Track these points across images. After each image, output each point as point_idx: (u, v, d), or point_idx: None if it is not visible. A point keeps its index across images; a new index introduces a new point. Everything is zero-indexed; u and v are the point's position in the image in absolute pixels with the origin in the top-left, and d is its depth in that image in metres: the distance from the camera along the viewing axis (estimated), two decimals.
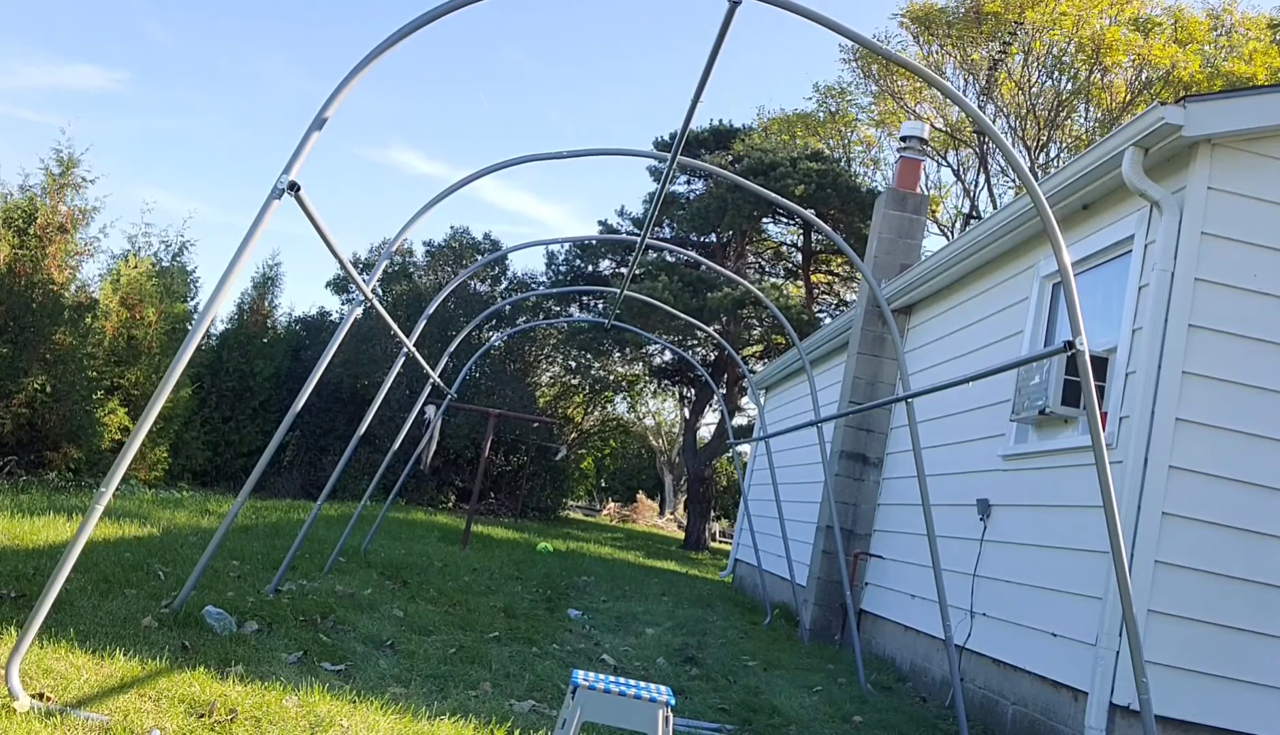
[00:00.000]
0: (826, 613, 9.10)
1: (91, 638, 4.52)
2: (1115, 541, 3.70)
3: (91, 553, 6.59)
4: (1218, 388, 5.00)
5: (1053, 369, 5.67)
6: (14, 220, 12.07)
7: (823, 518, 9.40)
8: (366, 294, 5.53)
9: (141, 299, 14.23)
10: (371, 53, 4.01)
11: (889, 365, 9.42)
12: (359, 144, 46.99)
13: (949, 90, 4.00)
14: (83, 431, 12.43)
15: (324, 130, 4.03)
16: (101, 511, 3.71)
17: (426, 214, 6.07)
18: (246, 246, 3.82)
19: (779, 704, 5.79)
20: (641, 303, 15.85)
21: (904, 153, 10.32)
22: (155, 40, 39.99)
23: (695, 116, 4.88)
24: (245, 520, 10.79)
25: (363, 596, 6.97)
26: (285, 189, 3.87)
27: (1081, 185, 5.84)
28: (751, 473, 15.54)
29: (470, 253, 22.41)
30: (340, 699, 4.31)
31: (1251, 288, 5.06)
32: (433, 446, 11.78)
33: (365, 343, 19.26)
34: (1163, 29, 19.42)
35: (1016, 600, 5.93)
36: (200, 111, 44.34)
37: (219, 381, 17.02)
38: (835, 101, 24.23)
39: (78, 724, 3.43)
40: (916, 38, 21.45)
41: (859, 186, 21.06)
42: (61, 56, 39.98)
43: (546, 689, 5.22)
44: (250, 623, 5.41)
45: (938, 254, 8.16)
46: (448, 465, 20.53)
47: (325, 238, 4.53)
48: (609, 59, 46.65)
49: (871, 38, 4.27)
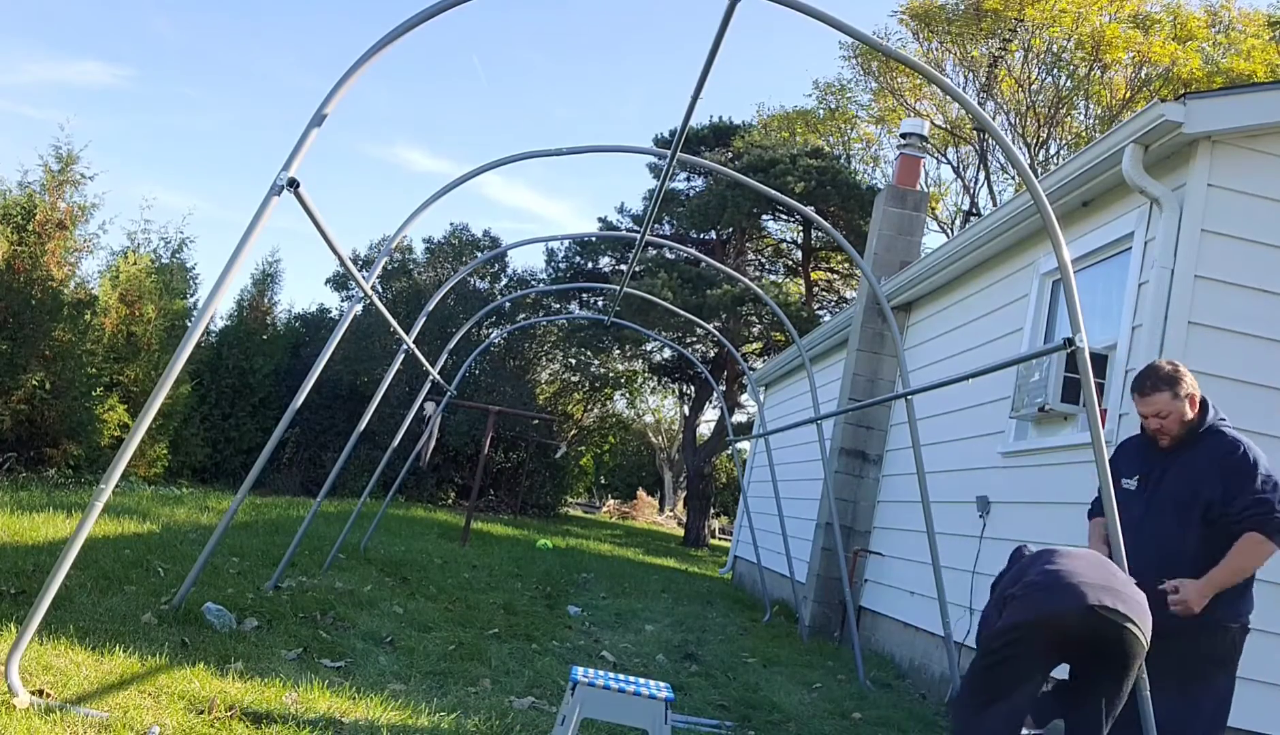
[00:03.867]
0: (826, 610, 9.10)
1: (91, 634, 4.52)
2: (1115, 540, 3.71)
3: (91, 549, 6.59)
4: (1218, 385, 4.98)
5: (1052, 366, 5.67)
6: (13, 217, 12.06)
7: (822, 515, 9.40)
8: (366, 290, 5.52)
9: (141, 296, 14.22)
10: (370, 50, 4.01)
11: (889, 362, 9.42)
12: (363, 140, 47.03)
13: (949, 87, 4.00)
14: (82, 428, 12.43)
15: (327, 127, 4.02)
16: (101, 508, 3.71)
17: (427, 210, 6.06)
18: (246, 243, 3.82)
19: (778, 701, 5.79)
20: (641, 300, 15.84)
21: (904, 149, 10.32)
22: (162, 36, 40.02)
23: (695, 113, 4.88)
24: (245, 517, 10.79)
25: (362, 593, 6.98)
26: (285, 186, 3.87)
27: (1081, 182, 5.84)
28: (751, 470, 15.54)
29: (470, 250, 22.40)
30: (340, 696, 4.31)
31: (1251, 285, 5.05)
32: (432, 443, 11.77)
33: (365, 340, 19.25)
34: (1162, 26, 19.41)
35: None
36: (202, 108, 44.39)
37: (218, 378, 17.01)
38: (835, 98, 24.22)
39: (77, 720, 3.43)
40: (916, 34, 21.43)
41: (859, 183, 21.05)
42: (66, 53, 40.01)
43: (546, 686, 5.22)
44: (250, 619, 5.41)
45: (938, 251, 8.16)
46: (447, 462, 20.53)
47: (325, 234, 4.53)
48: (616, 55, 46.72)
49: (871, 34, 4.27)
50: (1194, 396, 3.81)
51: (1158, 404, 3.79)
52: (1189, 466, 3.76)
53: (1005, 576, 3.64)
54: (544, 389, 25.82)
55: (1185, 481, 3.74)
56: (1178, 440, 3.81)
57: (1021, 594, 3.37)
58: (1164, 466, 3.83)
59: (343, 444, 18.14)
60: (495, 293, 22.79)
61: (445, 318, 19.44)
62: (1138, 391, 3.86)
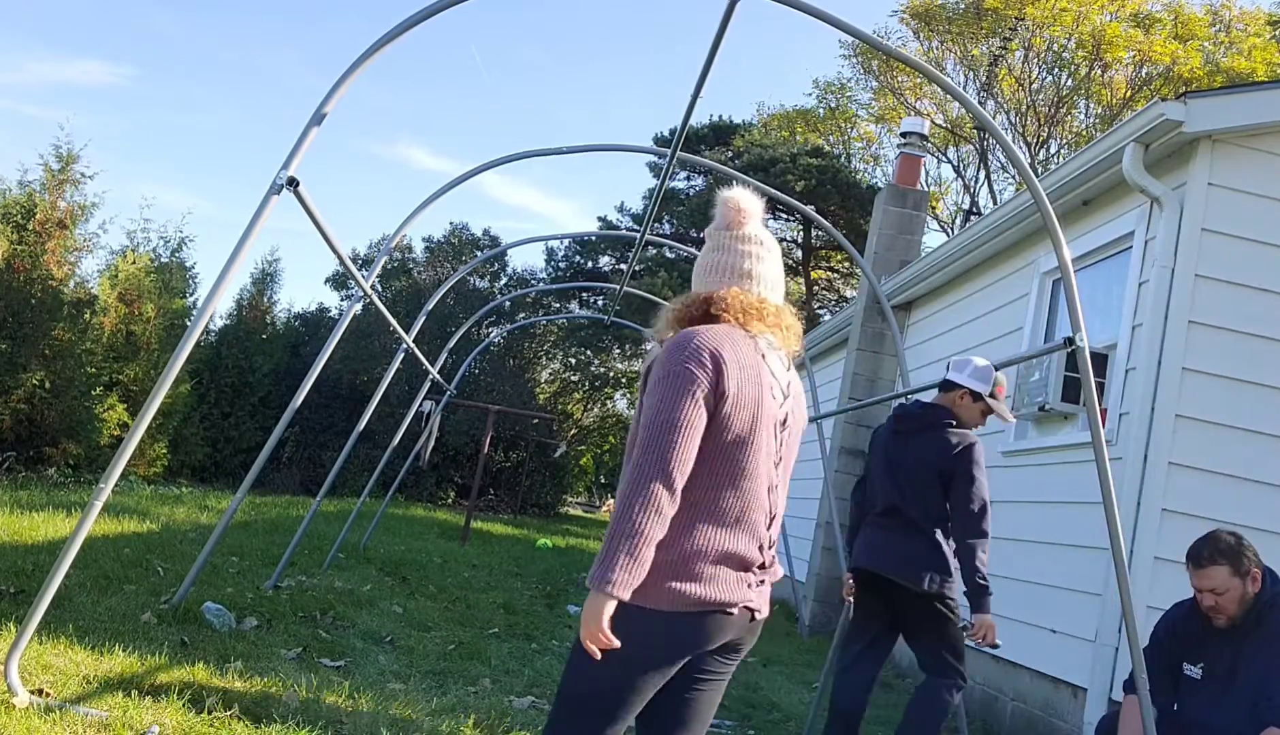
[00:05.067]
0: (826, 609, 9.09)
1: (90, 634, 4.52)
2: (1115, 538, 3.69)
3: (90, 549, 6.59)
4: (1218, 384, 4.99)
5: (1052, 365, 5.66)
6: (13, 216, 12.06)
7: (822, 514, 9.40)
8: (365, 290, 5.52)
9: (140, 295, 14.22)
10: (370, 49, 4.00)
11: (889, 361, 9.41)
12: (366, 139, 46.85)
13: (949, 86, 3.99)
14: (82, 427, 12.42)
15: (328, 125, 4.01)
16: (100, 507, 3.71)
17: (427, 209, 6.05)
18: (245, 242, 3.81)
19: (778, 700, 5.79)
20: (641, 299, 15.80)
21: (904, 148, 10.31)
22: (163, 34, 39.93)
23: (695, 112, 4.87)
24: (244, 516, 10.78)
25: (362, 592, 6.97)
26: (284, 184, 3.86)
27: (1082, 181, 5.83)
28: None
29: (469, 249, 22.39)
30: (340, 695, 4.30)
31: (1252, 284, 5.05)
32: (432, 442, 11.75)
33: (364, 339, 19.24)
34: (1163, 25, 19.41)
35: (1015, 597, 5.92)
36: (202, 106, 44.28)
37: (218, 377, 17.01)
38: (835, 97, 24.22)
39: (77, 720, 3.43)
40: (917, 33, 21.43)
41: (859, 182, 21.05)
42: (67, 52, 39.94)
43: (546, 685, 5.22)
44: (250, 619, 5.41)
45: (938, 250, 8.15)
46: (447, 461, 20.51)
47: (324, 233, 4.52)
48: (617, 54, 46.58)
49: (872, 33, 4.26)
50: (1256, 573, 3.44)
51: (1215, 579, 3.43)
52: (1262, 655, 3.38)
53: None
54: (544, 388, 25.81)
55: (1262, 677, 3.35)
56: (1235, 621, 3.44)
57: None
58: (1234, 653, 3.44)
59: (342, 443, 18.12)
60: (495, 292, 22.78)
61: (445, 317, 19.43)
62: (1193, 562, 3.52)
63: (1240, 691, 3.37)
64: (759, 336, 2.25)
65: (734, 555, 2.13)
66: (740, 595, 2.14)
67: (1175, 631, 3.66)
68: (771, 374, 2.23)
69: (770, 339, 2.27)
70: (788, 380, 2.31)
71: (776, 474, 2.24)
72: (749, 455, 2.14)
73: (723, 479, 2.12)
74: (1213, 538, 3.52)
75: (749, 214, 2.37)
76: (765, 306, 2.29)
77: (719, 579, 2.11)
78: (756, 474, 2.15)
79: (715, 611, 2.10)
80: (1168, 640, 3.66)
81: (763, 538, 2.19)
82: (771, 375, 2.22)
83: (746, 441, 2.13)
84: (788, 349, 2.32)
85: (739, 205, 2.37)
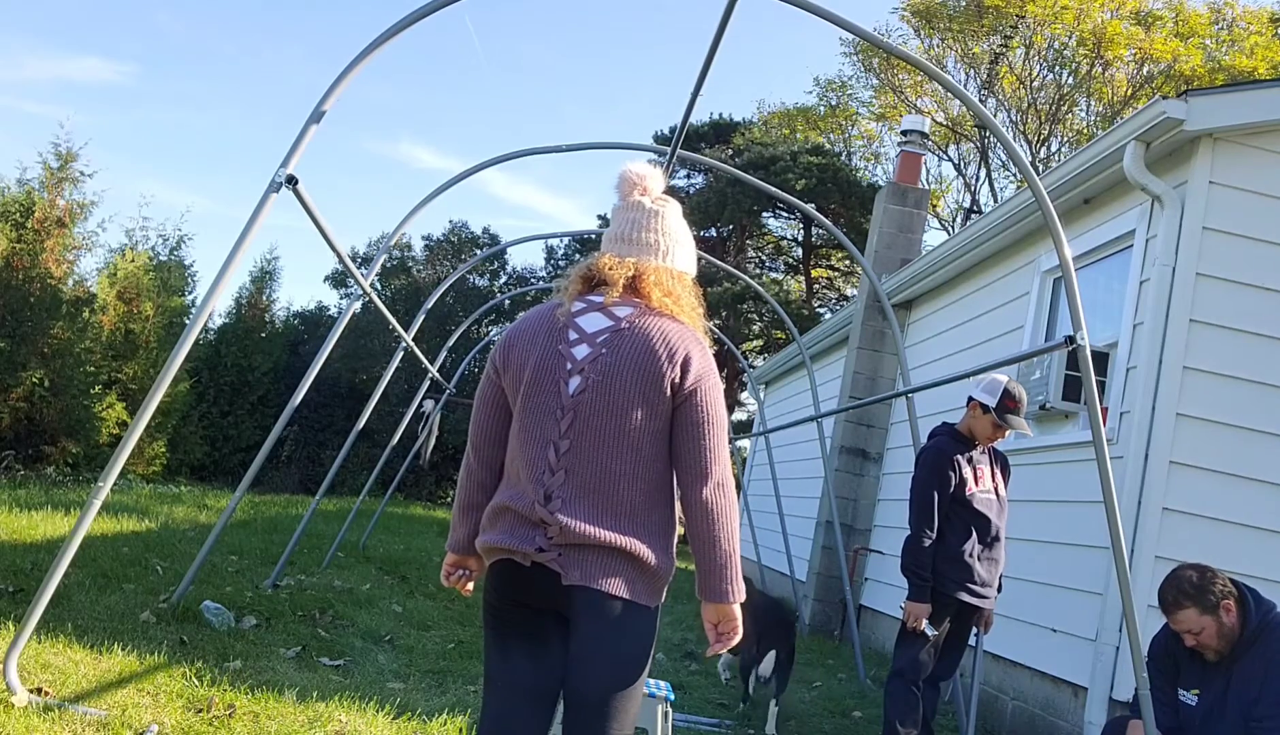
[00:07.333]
0: (826, 608, 9.09)
1: (89, 633, 4.51)
2: (1116, 537, 3.68)
3: (89, 548, 6.58)
4: (1219, 383, 4.98)
5: (1053, 364, 5.65)
6: (11, 214, 12.04)
7: (822, 513, 9.39)
8: (365, 288, 5.51)
9: (139, 293, 14.21)
10: (370, 46, 3.99)
11: (889, 360, 9.40)
12: (367, 137, 46.72)
13: (950, 84, 3.98)
14: (80, 426, 12.42)
15: (329, 122, 4.00)
16: (99, 506, 3.70)
17: (426, 207, 6.04)
18: (244, 240, 3.80)
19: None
20: None
21: (905, 147, 10.30)
22: (165, 31, 39.76)
23: (695, 110, 4.86)
24: (243, 515, 10.78)
25: (361, 591, 6.96)
26: (283, 182, 3.85)
27: (1083, 180, 5.82)
28: (751, 468, 15.53)
29: (469, 247, 22.38)
30: (339, 693, 4.29)
31: (1253, 282, 5.04)
32: (431, 441, 11.73)
33: (364, 337, 19.23)
34: (1164, 23, 19.39)
35: (1016, 596, 5.91)
36: (203, 103, 44.16)
37: (217, 376, 17.00)
38: (836, 95, 24.20)
39: (76, 719, 3.42)
40: (918, 31, 21.41)
41: (859, 181, 21.04)
42: (68, 49, 39.81)
43: None
44: (249, 618, 5.40)
45: (938, 248, 8.14)
46: (446, 460, 20.50)
47: (323, 232, 4.51)
48: (618, 53, 46.46)
49: (873, 31, 4.25)
50: (1228, 603, 3.35)
51: (1186, 622, 3.37)
52: (1252, 682, 3.33)
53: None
54: None
55: (1252, 702, 3.32)
56: (1223, 653, 3.38)
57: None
58: (1225, 680, 3.39)
59: (341, 442, 18.10)
60: (494, 290, 22.77)
61: (444, 315, 19.43)
62: (1161, 607, 3.44)
63: (1233, 717, 3.33)
64: (578, 298, 2.31)
65: (508, 508, 2.24)
66: (520, 545, 2.19)
67: (1162, 663, 3.59)
68: (574, 331, 2.25)
69: (597, 298, 2.30)
70: (605, 327, 2.25)
71: (568, 426, 2.19)
72: (524, 415, 2.25)
73: (510, 439, 2.29)
74: (1175, 579, 3.44)
75: (631, 184, 2.51)
76: (593, 268, 2.36)
77: (497, 527, 2.25)
78: (531, 430, 2.23)
79: (503, 558, 2.24)
80: (1162, 659, 3.60)
81: (540, 490, 2.18)
82: (573, 332, 2.24)
83: (522, 404, 2.25)
84: (618, 293, 2.30)
85: (621, 177, 2.53)
